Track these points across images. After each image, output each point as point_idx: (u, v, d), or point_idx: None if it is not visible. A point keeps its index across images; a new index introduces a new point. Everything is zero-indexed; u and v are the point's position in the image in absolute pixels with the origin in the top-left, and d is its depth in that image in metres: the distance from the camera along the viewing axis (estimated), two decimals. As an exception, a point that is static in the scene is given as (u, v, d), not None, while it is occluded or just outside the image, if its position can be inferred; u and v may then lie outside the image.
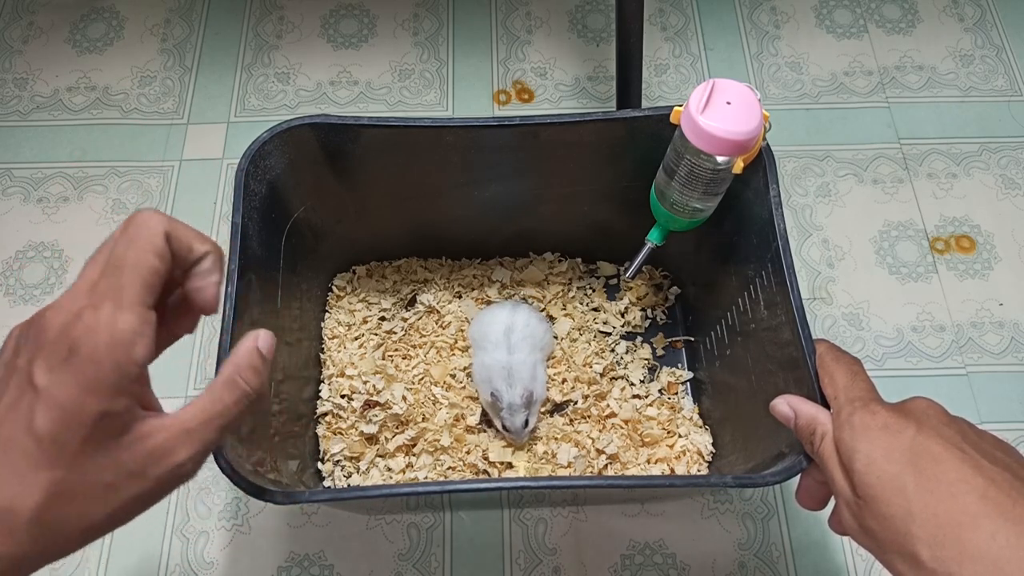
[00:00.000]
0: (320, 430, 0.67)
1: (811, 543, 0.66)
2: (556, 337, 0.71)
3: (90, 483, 0.31)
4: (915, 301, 0.77)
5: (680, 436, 0.67)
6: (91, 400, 0.31)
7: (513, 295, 0.74)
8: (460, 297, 0.74)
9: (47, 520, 0.31)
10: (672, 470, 0.65)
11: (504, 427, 0.64)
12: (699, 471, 0.65)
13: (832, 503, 0.43)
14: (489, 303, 0.73)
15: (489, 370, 0.65)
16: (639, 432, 0.66)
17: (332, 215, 0.66)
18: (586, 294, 0.75)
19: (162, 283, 0.34)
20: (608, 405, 0.68)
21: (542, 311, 0.73)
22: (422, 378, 0.69)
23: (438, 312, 0.73)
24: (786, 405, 0.46)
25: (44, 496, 0.30)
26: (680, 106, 0.51)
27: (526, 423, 0.64)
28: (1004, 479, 0.36)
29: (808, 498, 0.46)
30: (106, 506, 0.32)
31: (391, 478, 0.65)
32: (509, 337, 0.65)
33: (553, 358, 0.71)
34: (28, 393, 0.31)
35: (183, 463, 0.33)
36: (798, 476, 0.47)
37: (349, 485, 0.65)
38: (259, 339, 0.38)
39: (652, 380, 0.71)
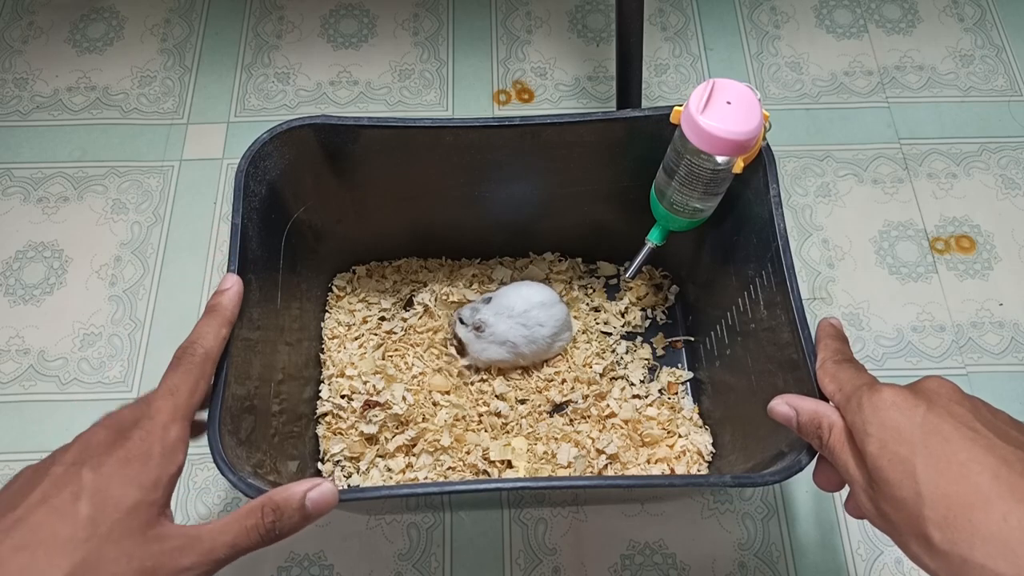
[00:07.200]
0: (320, 430, 0.67)
1: (811, 543, 0.66)
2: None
3: (108, 565, 0.34)
4: (915, 301, 0.77)
5: (680, 436, 0.67)
6: (131, 491, 0.36)
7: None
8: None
9: None
10: (672, 470, 0.65)
11: (461, 320, 0.68)
12: (699, 471, 0.65)
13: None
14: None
15: (500, 304, 0.67)
16: (639, 432, 0.66)
17: (332, 215, 0.66)
18: (586, 294, 0.75)
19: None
20: (608, 405, 0.68)
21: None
22: (423, 375, 0.69)
23: (436, 312, 0.73)
24: (785, 405, 0.45)
25: (66, 573, 0.33)
26: (680, 106, 0.51)
27: (469, 329, 0.67)
28: (1018, 458, 0.35)
29: (826, 480, 0.45)
30: None
31: (391, 478, 0.65)
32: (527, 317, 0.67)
33: (553, 357, 0.71)
34: (70, 486, 0.35)
35: (187, 568, 0.36)
36: (800, 471, 0.46)
37: (349, 485, 0.65)
38: (314, 489, 0.39)
39: (652, 380, 0.71)
